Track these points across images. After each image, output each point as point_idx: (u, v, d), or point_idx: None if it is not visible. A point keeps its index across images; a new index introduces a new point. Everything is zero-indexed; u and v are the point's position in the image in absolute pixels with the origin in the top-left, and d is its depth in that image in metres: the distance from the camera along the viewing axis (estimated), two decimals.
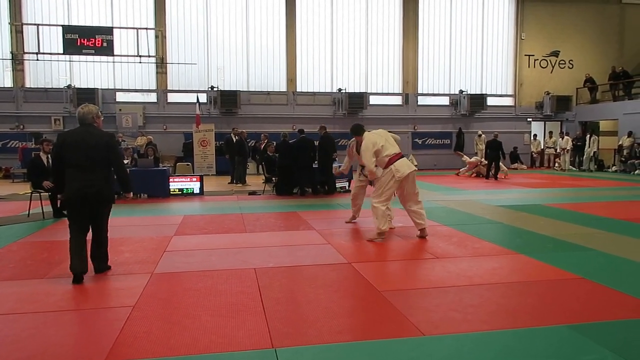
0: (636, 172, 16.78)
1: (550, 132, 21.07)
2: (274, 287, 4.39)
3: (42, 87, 17.64)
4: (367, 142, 6.33)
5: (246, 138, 14.29)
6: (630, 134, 18.10)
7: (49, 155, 8.55)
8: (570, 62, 21.43)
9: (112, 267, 5.04)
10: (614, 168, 18.41)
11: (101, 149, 4.59)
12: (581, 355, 3.01)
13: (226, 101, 18.05)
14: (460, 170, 17.04)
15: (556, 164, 19.64)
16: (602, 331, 3.36)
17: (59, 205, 8.33)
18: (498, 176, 15.19)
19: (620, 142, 18.51)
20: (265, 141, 14.59)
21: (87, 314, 3.77)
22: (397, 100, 20.27)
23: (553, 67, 21.39)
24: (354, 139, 7.15)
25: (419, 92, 20.35)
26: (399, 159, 6.30)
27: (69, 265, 4.57)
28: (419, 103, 20.35)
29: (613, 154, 18.87)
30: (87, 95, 17.09)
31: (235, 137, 14.04)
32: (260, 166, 13.69)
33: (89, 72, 18.02)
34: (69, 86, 17.36)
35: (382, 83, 20.17)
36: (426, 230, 6.41)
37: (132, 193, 5.37)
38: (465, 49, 20.72)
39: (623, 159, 17.94)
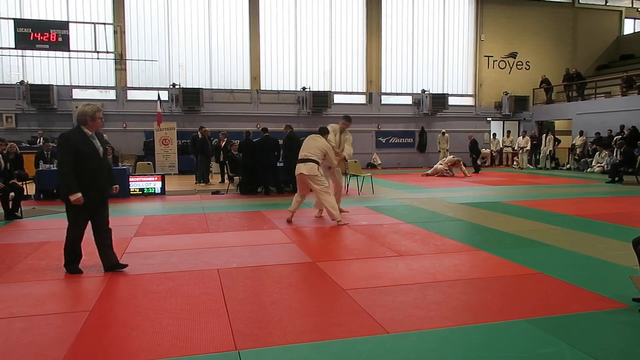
0: (589, 169, 17.47)
1: (509, 132, 21.70)
2: (237, 287, 4.33)
3: None
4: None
5: (209, 136, 14.06)
6: (581, 134, 18.85)
7: (2, 155, 8.19)
8: (527, 63, 22.13)
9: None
10: (568, 166, 19.12)
11: None
12: (539, 348, 3.10)
13: (188, 99, 17.74)
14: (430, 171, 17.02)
15: (514, 162, 20.24)
16: (558, 324, 3.46)
17: (10, 207, 7.97)
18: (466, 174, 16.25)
19: (573, 142, 19.25)
20: (225, 140, 14.34)
21: (39, 320, 3.60)
22: (361, 99, 20.42)
23: (511, 68, 22.04)
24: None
25: (382, 91, 20.57)
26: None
27: None
28: (382, 102, 20.57)
29: (567, 152, 19.61)
30: (41, 91, 16.50)
31: (199, 135, 13.82)
32: (225, 165, 13.49)
33: (43, 68, 17.31)
34: (21, 82, 16.64)
35: (346, 82, 20.27)
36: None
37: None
38: (427, 49, 21.07)
39: (577, 158, 18.66)
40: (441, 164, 16.40)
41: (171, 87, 17.89)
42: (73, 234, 4.71)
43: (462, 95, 21.57)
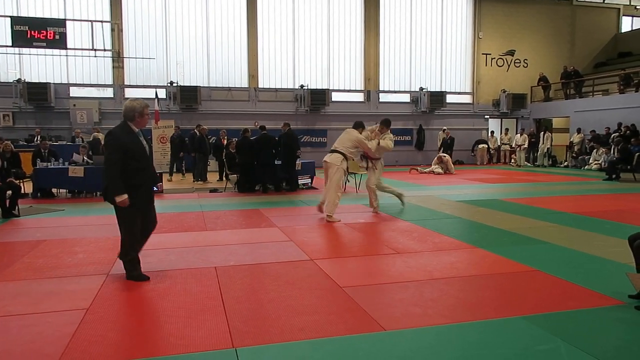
0: (586, 167, 17.51)
1: (507, 129, 21.71)
2: (234, 285, 4.33)
3: None
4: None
5: (207, 134, 14.04)
6: (579, 131, 18.89)
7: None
8: (525, 61, 22.13)
9: (66, 268, 4.86)
10: (566, 163, 19.15)
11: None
12: (536, 345, 3.10)
13: (186, 97, 17.71)
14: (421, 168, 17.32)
15: (512, 160, 20.26)
16: (555, 321, 3.47)
17: (7, 205, 7.96)
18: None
19: (571, 139, 19.29)
20: (226, 138, 14.34)
21: (37, 319, 3.60)
22: (359, 97, 20.40)
23: (509, 65, 22.03)
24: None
25: (380, 89, 20.55)
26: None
27: None
28: (380, 100, 20.55)
29: (565, 150, 19.63)
30: (38, 89, 16.46)
31: (197, 133, 13.80)
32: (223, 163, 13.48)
33: (40, 66, 17.24)
34: (18, 80, 16.59)
35: (344, 80, 20.25)
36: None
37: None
38: (425, 46, 21.05)
39: (574, 155, 18.69)
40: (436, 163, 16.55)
41: (169, 85, 17.86)
42: (130, 236, 4.45)
43: (460, 93, 21.56)
